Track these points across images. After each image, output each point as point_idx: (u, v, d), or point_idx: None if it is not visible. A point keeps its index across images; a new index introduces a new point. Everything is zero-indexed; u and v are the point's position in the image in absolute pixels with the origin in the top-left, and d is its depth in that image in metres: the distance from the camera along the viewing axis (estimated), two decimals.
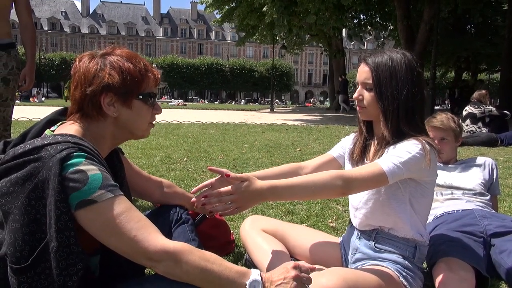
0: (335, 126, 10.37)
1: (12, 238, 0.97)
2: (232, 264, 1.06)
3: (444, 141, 2.09)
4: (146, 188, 1.51)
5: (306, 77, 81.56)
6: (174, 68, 54.00)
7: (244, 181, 1.21)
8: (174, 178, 3.58)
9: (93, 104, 1.13)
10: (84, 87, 1.12)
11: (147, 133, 1.25)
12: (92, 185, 0.99)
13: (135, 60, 1.17)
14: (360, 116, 1.48)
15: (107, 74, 1.11)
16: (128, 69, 1.14)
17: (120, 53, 1.17)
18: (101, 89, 1.11)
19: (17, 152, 1.01)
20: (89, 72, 1.12)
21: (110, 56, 1.15)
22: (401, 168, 1.28)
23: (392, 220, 1.41)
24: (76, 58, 1.18)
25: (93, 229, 1.00)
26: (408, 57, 1.40)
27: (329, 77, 26.20)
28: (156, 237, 1.01)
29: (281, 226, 1.70)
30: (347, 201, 2.95)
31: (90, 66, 1.13)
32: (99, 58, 1.15)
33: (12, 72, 2.62)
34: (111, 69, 1.12)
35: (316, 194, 1.30)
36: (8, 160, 1.01)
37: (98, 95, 1.12)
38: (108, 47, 1.19)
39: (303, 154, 5.26)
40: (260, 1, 14.33)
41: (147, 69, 1.18)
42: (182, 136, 6.88)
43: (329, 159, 1.67)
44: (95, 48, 1.21)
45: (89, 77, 1.12)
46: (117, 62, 1.14)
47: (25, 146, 1.02)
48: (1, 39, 2.58)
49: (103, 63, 1.13)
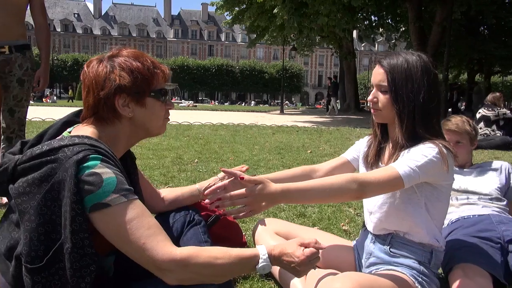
0: (346, 128, 10.31)
1: (27, 238, 0.98)
2: (239, 251, 1.07)
3: (459, 145, 2.06)
4: (152, 198, 1.50)
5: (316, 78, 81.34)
6: (184, 69, 54.32)
7: (258, 184, 1.20)
8: (185, 179, 3.59)
9: (108, 107, 1.13)
10: (96, 92, 1.13)
11: (163, 129, 1.26)
12: (106, 188, 0.99)
13: (142, 59, 1.17)
14: (374, 119, 1.46)
15: (117, 75, 1.12)
16: (137, 68, 1.14)
17: (126, 53, 1.17)
18: (113, 91, 1.12)
19: (34, 152, 1.02)
20: (100, 76, 1.13)
21: (117, 57, 1.16)
22: (417, 172, 1.26)
23: (407, 224, 1.39)
24: (84, 64, 1.18)
25: (106, 232, 1.01)
26: (424, 59, 1.38)
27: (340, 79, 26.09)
28: (164, 245, 1.00)
29: (293, 228, 1.68)
30: (359, 204, 2.94)
31: (100, 70, 1.13)
32: (107, 61, 1.15)
33: (27, 73, 2.66)
34: (121, 70, 1.13)
35: (331, 197, 1.29)
36: (25, 160, 1.02)
37: (111, 97, 1.12)
38: (114, 49, 1.20)
39: (314, 156, 5.24)
40: (271, 3, 14.33)
41: (155, 66, 1.19)
42: (192, 137, 6.91)
43: (342, 162, 1.65)
44: (107, 49, 1.21)
45: (100, 81, 1.12)
46: (125, 62, 1.14)
47: (42, 147, 1.03)
48: (16, 41, 2.61)
49: (112, 65, 1.14)
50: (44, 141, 1.14)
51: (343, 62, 23.10)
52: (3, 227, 1.09)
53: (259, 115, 17.86)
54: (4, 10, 2.51)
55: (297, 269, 1.10)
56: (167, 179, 3.57)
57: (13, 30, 2.59)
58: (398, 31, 21.04)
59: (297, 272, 1.11)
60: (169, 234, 1.07)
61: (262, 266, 1.07)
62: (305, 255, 1.10)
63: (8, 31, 2.55)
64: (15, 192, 1.01)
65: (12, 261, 1.02)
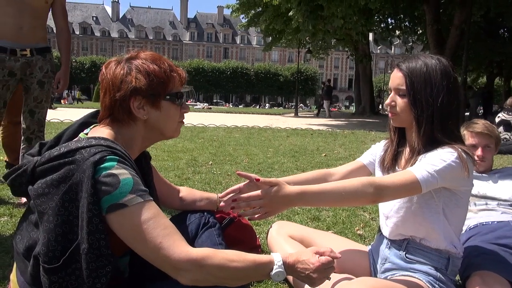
0: (361, 131, 10.23)
1: (45, 238, 0.99)
2: (255, 257, 1.08)
3: (488, 149, 2.00)
4: (168, 195, 1.52)
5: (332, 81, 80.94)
6: (199, 71, 54.64)
7: (273, 186, 1.20)
8: (200, 181, 3.60)
9: (123, 109, 1.14)
10: (113, 93, 1.14)
11: (178, 132, 1.27)
12: (123, 189, 1.00)
13: (159, 62, 1.18)
14: (392, 123, 1.45)
15: (134, 78, 1.13)
16: (154, 71, 1.15)
17: (144, 56, 1.18)
18: (129, 93, 1.13)
19: (52, 154, 1.04)
20: (116, 77, 1.14)
21: (135, 60, 1.17)
22: (435, 176, 1.24)
23: (424, 230, 1.37)
24: (103, 65, 1.20)
25: (122, 233, 1.02)
26: (443, 62, 1.35)
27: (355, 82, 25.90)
28: (180, 245, 1.01)
29: (308, 232, 1.67)
30: (375, 209, 2.91)
31: (117, 72, 1.15)
32: (124, 63, 1.16)
33: (47, 75, 2.71)
34: (137, 72, 1.14)
35: (346, 201, 1.27)
36: (44, 162, 1.04)
37: (127, 99, 1.13)
38: (132, 51, 1.21)
39: (328, 159, 5.20)
40: (287, 6, 14.32)
41: (172, 69, 1.20)
42: (207, 140, 6.94)
43: (359, 166, 1.63)
44: (124, 52, 1.23)
45: (117, 83, 1.14)
46: (142, 65, 1.15)
47: (60, 149, 1.04)
48: (38, 44, 2.67)
49: (129, 67, 1.15)
50: (62, 143, 1.15)
51: (359, 65, 22.93)
52: (22, 227, 1.11)
53: (274, 117, 17.86)
54: (26, 14, 2.56)
55: (312, 277, 1.09)
56: (182, 180, 3.59)
57: (35, 34, 2.64)
58: (416, 33, 20.80)
59: (312, 280, 1.10)
60: (184, 235, 1.07)
61: (276, 273, 1.06)
62: (321, 262, 1.09)
63: (30, 34, 2.61)
64: (34, 193, 1.02)
65: (31, 261, 1.03)
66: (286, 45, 23.49)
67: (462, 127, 1.99)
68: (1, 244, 1.96)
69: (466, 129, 2.01)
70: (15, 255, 1.13)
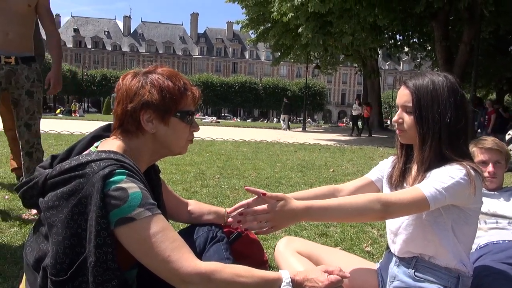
0: (369, 147, 10.18)
1: (54, 251, 1.00)
2: (263, 273, 1.08)
3: (498, 165, 1.98)
4: (176, 209, 1.52)
5: (340, 96, 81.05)
6: (208, 85, 55.09)
7: (280, 200, 1.20)
8: (207, 194, 3.60)
9: (133, 120, 1.16)
10: (125, 104, 1.16)
11: (185, 149, 1.27)
12: (131, 203, 1.00)
13: (175, 79, 1.20)
14: (400, 140, 1.45)
15: (147, 91, 1.15)
16: (167, 87, 1.17)
17: (161, 71, 1.20)
18: (140, 106, 1.15)
19: (63, 167, 1.05)
20: (131, 89, 1.16)
21: (152, 74, 1.19)
22: (443, 194, 1.23)
23: (433, 247, 1.35)
24: (121, 77, 1.22)
25: (130, 247, 1.02)
26: (450, 79, 1.36)
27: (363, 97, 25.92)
28: (189, 258, 1.02)
29: (316, 248, 1.66)
30: (383, 225, 2.88)
31: (132, 84, 1.17)
32: (141, 76, 1.19)
33: (34, 84, 2.67)
34: (152, 87, 1.16)
35: (353, 217, 1.27)
36: (55, 175, 1.05)
37: (138, 111, 1.15)
38: (151, 66, 1.23)
39: (336, 175, 5.18)
40: (296, 22, 14.46)
41: (186, 88, 1.21)
42: (215, 153, 6.96)
43: (366, 183, 1.63)
44: (134, 66, 1.25)
45: (131, 94, 1.16)
46: (158, 80, 1.17)
47: (71, 162, 1.06)
48: (23, 53, 2.64)
49: (145, 81, 1.17)
50: (73, 156, 1.17)
51: (367, 81, 22.99)
52: (32, 239, 1.13)
53: (281, 132, 17.86)
54: (13, 21, 2.55)
55: None
56: (190, 194, 3.60)
57: (21, 42, 2.62)
58: (424, 50, 20.83)
59: None
60: (192, 249, 1.08)
61: None
62: (330, 281, 1.08)
63: (16, 42, 2.59)
64: (45, 206, 1.04)
65: (40, 272, 1.04)
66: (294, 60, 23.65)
67: (470, 144, 1.98)
68: (10, 255, 1.97)
69: (475, 146, 2.00)
70: (24, 267, 1.14)
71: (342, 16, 13.29)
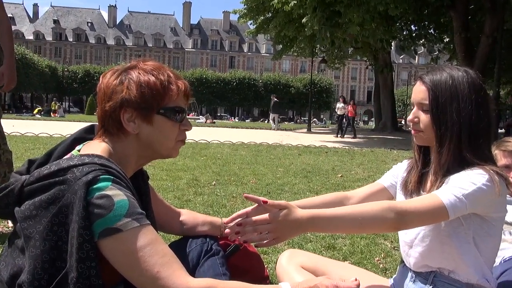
0: (382, 150, 10.19)
1: (31, 266, 1.00)
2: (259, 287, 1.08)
3: None
4: (167, 219, 1.52)
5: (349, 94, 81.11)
6: (203, 82, 55.19)
7: (282, 209, 1.20)
8: (202, 203, 3.60)
9: (113, 120, 1.16)
10: (103, 103, 1.17)
11: (175, 152, 1.26)
12: (117, 212, 1.00)
13: (157, 72, 1.19)
14: (415, 141, 1.45)
15: (125, 88, 1.15)
16: (147, 82, 1.16)
17: (144, 66, 1.20)
18: (119, 104, 1.15)
19: (42, 173, 1.05)
20: (108, 87, 1.17)
21: (133, 69, 1.19)
22: (464, 201, 1.23)
23: (453, 261, 1.35)
24: (101, 75, 1.22)
25: (116, 260, 1.02)
26: (471, 75, 1.36)
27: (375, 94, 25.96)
28: (181, 275, 1.01)
29: (322, 263, 1.66)
30: (397, 237, 2.87)
31: (110, 81, 1.17)
32: (121, 72, 1.19)
33: None
34: (130, 82, 1.16)
35: (364, 227, 1.26)
36: (33, 181, 1.05)
37: (117, 110, 1.15)
38: (134, 60, 1.23)
39: (345, 181, 5.19)
40: (299, 12, 14.51)
41: (170, 81, 1.20)
42: (210, 157, 6.96)
43: (378, 189, 1.63)
44: (120, 61, 1.25)
45: (108, 93, 1.16)
46: (138, 75, 1.17)
47: (50, 167, 1.06)
48: None
49: (124, 77, 1.17)
50: (52, 160, 1.17)
51: (379, 76, 23.03)
52: (7, 253, 1.12)
53: (284, 133, 17.89)
54: None
55: None
56: (182, 203, 3.60)
57: None
58: (442, 41, 20.89)
59: None
60: (184, 264, 1.08)
61: None
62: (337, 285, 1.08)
63: None
64: (21, 216, 1.03)
65: None
66: (298, 54, 23.70)
67: (492, 146, 1.98)
68: None
69: (497, 148, 2.00)
70: None
71: (350, 4, 13.33)
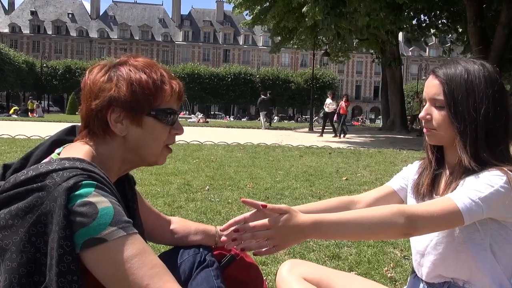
0: (390, 150, 10.22)
1: (7, 280, 0.99)
2: None
3: None
4: (156, 227, 1.52)
5: (354, 89, 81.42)
6: (195, 78, 55.20)
7: (283, 213, 1.20)
8: (194, 210, 3.60)
9: (99, 121, 1.15)
10: (89, 101, 1.16)
11: (162, 159, 1.26)
12: (101, 220, 1.00)
13: (149, 70, 1.19)
14: (428, 140, 1.45)
15: (114, 85, 1.15)
16: (138, 80, 1.16)
17: (135, 62, 1.20)
18: (107, 103, 1.14)
19: (18, 179, 1.04)
20: (96, 84, 1.16)
21: (123, 66, 1.18)
22: (480, 205, 1.24)
23: (468, 270, 1.36)
24: (87, 70, 1.21)
25: (100, 273, 1.01)
26: (488, 68, 1.36)
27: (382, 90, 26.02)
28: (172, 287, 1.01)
29: (326, 274, 1.66)
30: (407, 245, 2.88)
31: (97, 78, 1.17)
32: (110, 68, 1.18)
33: None
34: (119, 80, 1.15)
35: (372, 233, 1.26)
36: (8, 188, 1.04)
37: (104, 110, 1.14)
38: (124, 56, 1.23)
39: (350, 184, 5.20)
40: (300, 0, 14.53)
41: (163, 81, 1.20)
42: (203, 160, 6.97)
43: (388, 193, 1.63)
44: (104, 55, 1.24)
45: (95, 90, 1.15)
46: (128, 72, 1.16)
47: (27, 172, 1.05)
48: None
49: (114, 73, 1.17)
50: (29, 165, 1.17)
51: (386, 70, 23.07)
52: None
53: (284, 133, 17.91)
54: None
55: None
56: (173, 209, 3.60)
57: None
58: (455, 31, 20.95)
59: None
60: (175, 276, 1.07)
61: None
62: None
63: None
64: None
65: None
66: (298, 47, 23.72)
67: (511, 145, 1.99)
68: None
69: None
70: None
71: None
